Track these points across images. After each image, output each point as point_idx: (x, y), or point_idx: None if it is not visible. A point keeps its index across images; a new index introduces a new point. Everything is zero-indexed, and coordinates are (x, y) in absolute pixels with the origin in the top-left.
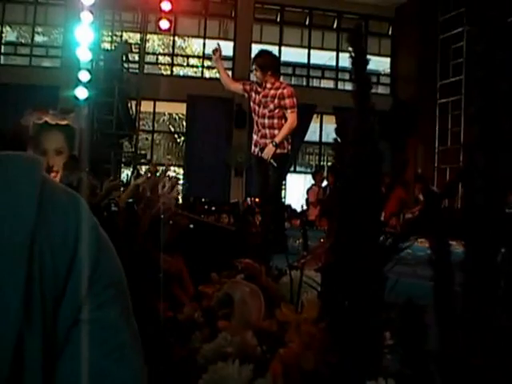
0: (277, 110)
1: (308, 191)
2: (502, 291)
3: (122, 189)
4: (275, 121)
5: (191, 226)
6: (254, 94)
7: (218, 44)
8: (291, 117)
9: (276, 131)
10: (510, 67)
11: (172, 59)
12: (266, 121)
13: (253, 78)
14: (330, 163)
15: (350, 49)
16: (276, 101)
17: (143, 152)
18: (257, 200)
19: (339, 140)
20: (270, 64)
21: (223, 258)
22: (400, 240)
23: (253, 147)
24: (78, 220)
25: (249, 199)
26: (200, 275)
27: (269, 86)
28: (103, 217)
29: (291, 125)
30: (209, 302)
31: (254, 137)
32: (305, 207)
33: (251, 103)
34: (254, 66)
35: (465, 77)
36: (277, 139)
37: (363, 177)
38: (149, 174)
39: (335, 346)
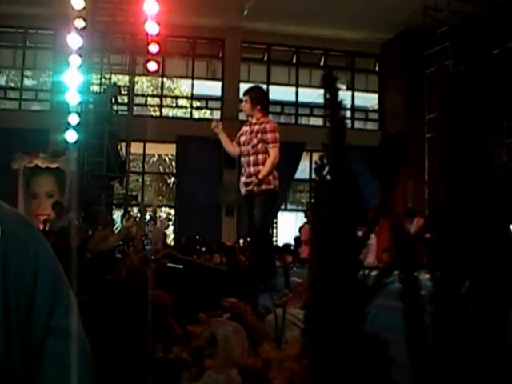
0: (260, 145)
1: (300, 229)
2: (470, 319)
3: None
4: (259, 157)
5: (181, 266)
6: (242, 138)
7: (217, 120)
8: (273, 152)
9: (261, 167)
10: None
11: (161, 100)
12: (251, 158)
13: (241, 117)
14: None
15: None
16: (259, 135)
17: (134, 193)
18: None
19: (318, 179)
20: (261, 99)
21: (212, 298)
22: (383, 276)
23: (241, 189)
24: (35, 244)
25: (241, 240)
26: (190, 315)
27: (254, 121)
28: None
29: (273, 160)
30: (197, 341)
31: (242, 179)
32: (292, 247)
33: (241, 147)
34: (244, 98)
35: None
36: (260, 176)
37: (340, 214)
38: (138, 216)
39: (317, 381)
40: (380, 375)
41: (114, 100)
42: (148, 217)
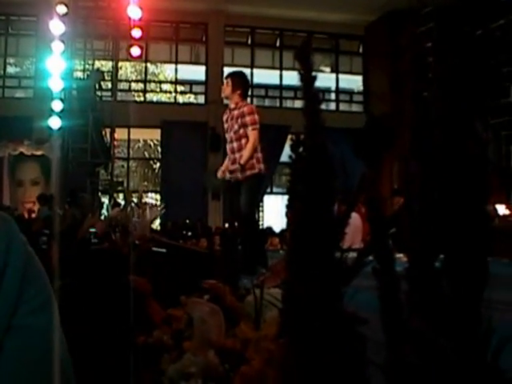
0: (241, 130)
1: (287, 213)
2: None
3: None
4: (242, 141)
5: (164, 250)
6: (224, 126)
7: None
8: (252, 134)
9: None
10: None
11: (145, 85)
12: (235, 144)
13: (226, 101)
14: None
15: (320, 68)
16: (239, 120)
17: (120, 179)
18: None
19: (293, 156)
20: (243, 84)
21: (195, 281)
22: (362, 256)
23: (226, 175)
24: (7, 241)
25: (227, 225)
26: (172, 298)
27: (233, 106)
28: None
29: (253, 143)
30: (178, 324)
31: (228, 165)
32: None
33: (225, 135)
34: (226, 80)
35: None
36: (241, 161)
37: (314, 194)
38: (122, 203)
39: (296, 361)
40: (358, 354)
41: (97, 86)
42: (133, 204)
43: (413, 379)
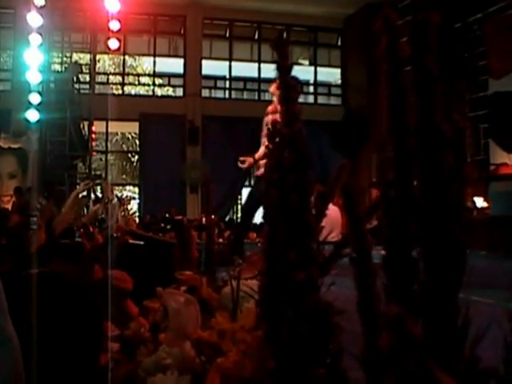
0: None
1: None
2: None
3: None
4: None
5: (141, 242)
6: None
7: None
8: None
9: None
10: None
11: (123, 78)
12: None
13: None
14: None
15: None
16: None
17: (98, 173)
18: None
19: (270, 145)
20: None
21: (170, 272)
22: (340, 247)
23: None
24: None
25: (204, 219)
26: (149, 290)
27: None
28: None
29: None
30: (154, 316)
31: None
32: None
33: None
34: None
35: None
36: (256, 155)
37: (289, 182)
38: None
39: (272, 351)
40: (333, 344)
41: (75, 79)
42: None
43: (389, 368)
